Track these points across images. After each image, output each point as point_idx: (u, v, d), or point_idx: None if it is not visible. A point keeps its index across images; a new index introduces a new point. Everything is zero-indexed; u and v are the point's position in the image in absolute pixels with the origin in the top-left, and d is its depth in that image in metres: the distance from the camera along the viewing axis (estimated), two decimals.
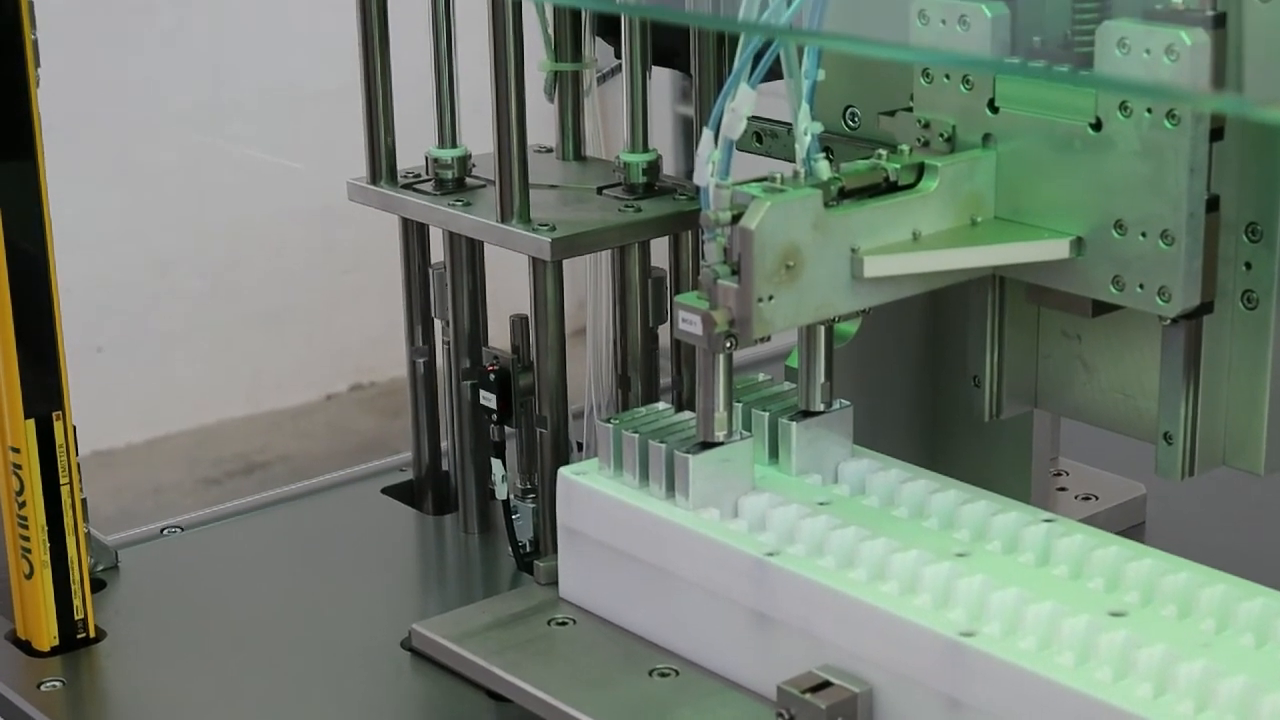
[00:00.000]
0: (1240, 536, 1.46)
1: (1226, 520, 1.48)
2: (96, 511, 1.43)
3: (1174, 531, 1.45)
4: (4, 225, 1.31)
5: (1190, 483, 1.23)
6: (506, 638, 1.25)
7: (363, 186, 1.49)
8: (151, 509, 3.50)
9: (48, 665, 1.35)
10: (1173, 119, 1.13)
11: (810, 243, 1.15)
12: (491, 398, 1.43)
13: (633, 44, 1.44)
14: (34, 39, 1.30)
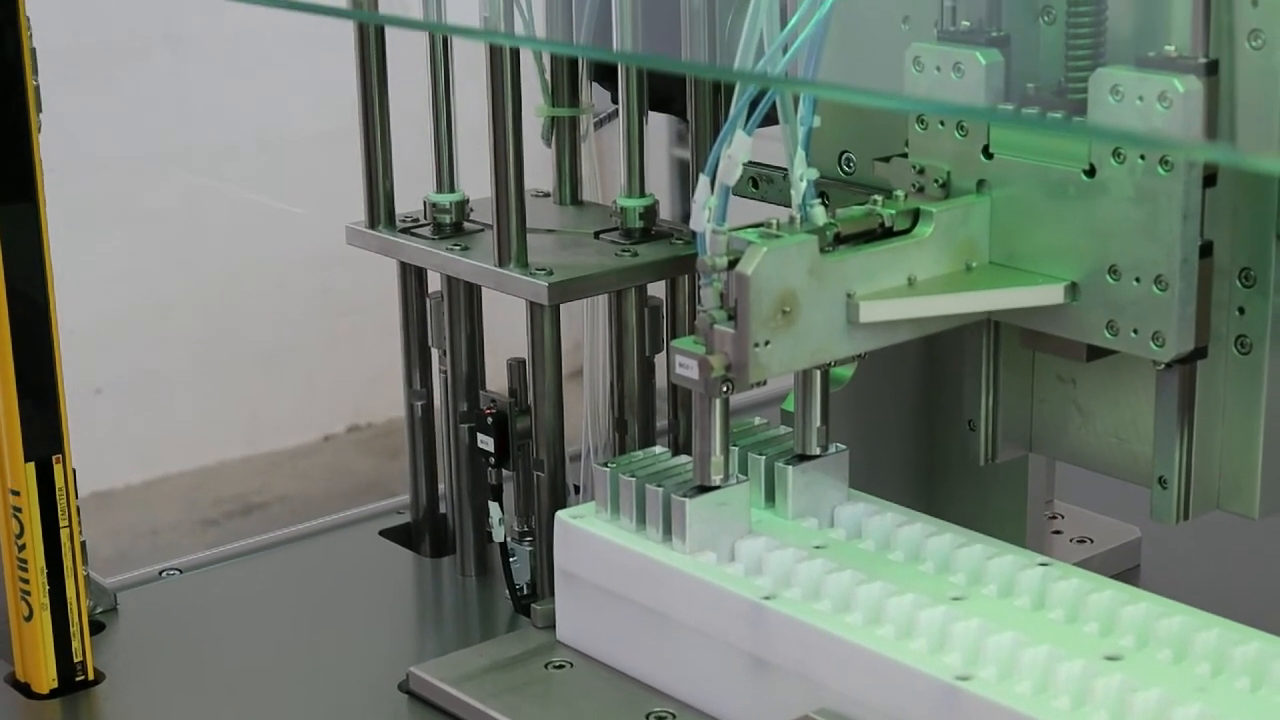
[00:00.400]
0: (1235, 580, 1.46)
1: (1221, 564, 1.48)
2: (95, 553, 1.43)
3: (1169, 575, 1.45)
4: (5, 268, 1.31)
5: (1185, 526, 1.23)
6: (504, 681, 1.25)
7: (361, 231, 1.49)
8: (150, 550, 3.50)
9: (47, 708, 1.35)
10: (1166, 165, 1.13)
11: (806, 288, 1.15)
12: (489, 441, 1.43)
13: (629, 89, 1.44)
14: (36, 85, 1.31)
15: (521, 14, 1.43)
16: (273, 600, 1.52)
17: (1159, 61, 1.12)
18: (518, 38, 1.43)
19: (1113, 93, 1.12)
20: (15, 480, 1.34)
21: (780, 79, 1.14)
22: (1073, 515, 1.55)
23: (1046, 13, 1.22)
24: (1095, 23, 1.20)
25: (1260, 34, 1.11)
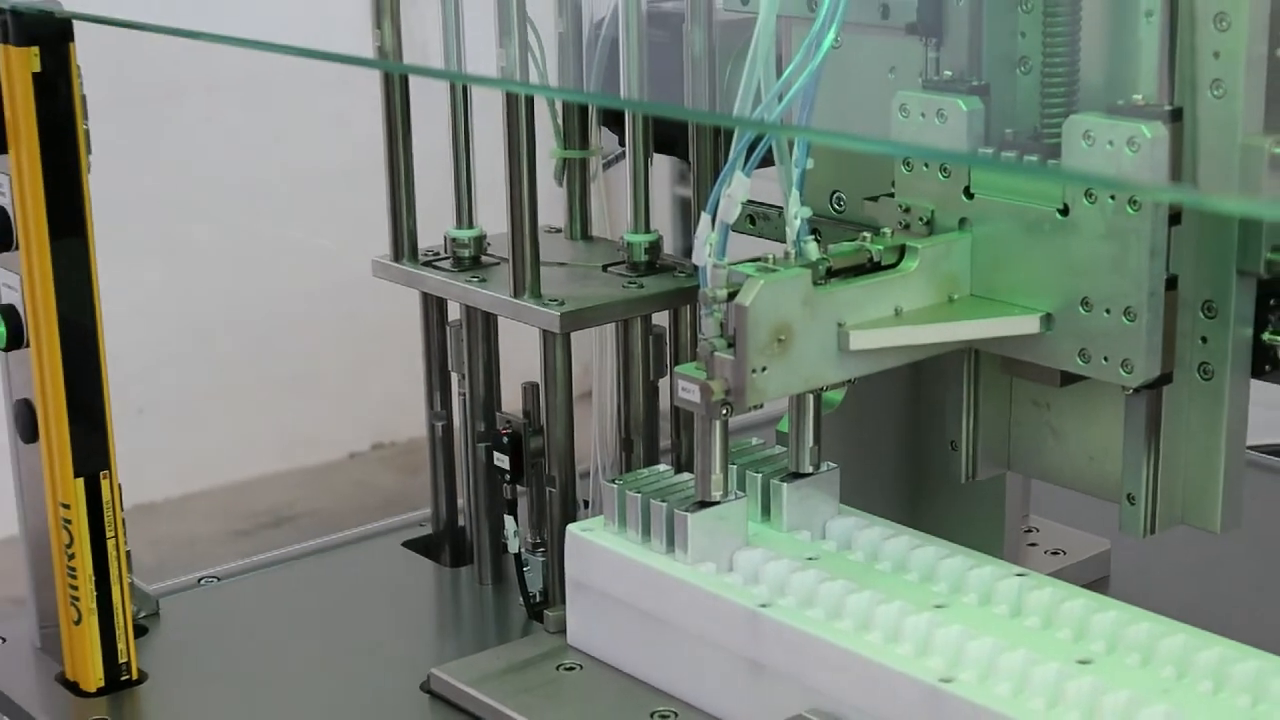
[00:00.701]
0: (1198, 590, 1.46)
1: (1185, 575, 1.48)
2: (137, 561, 1.43)
3: (1136, 585, 1.45)
4: (57, 298, 1.31)
5: (1152, 540, 1.24)
6: (518, 681, 1.25)
7: (387, 264, 1.50)
8: (188, 559, 3.50)
9: (94, 705, 1.35)
10: (1134, 205, 1.14)
11: (800, 318, 1.15)
12: (504, 459, 1.43)
13: (635, 134, 1.44)
14: (86, 129, 1.31)
15: (536, 64, 1.43)
16: (303, 606, 1.52)
17: (1128, 109, 1.12)
18: (532, 86, 1.43)
19: (1085, 138, 1.13)
20: (66, 495, 1.34)
21: (776, 125, 1.14)
22: (1047, 529, 1.55)
23: (1023, 63, 1.23)
24: (1068, 72, 1.20)
25: (1221, 83, 1.11)
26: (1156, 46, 1.12)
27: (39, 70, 1.28)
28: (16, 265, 1.33)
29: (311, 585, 1.56)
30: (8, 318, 1.34)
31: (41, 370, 1.33)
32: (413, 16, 1.45)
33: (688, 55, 1.37)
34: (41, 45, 1.28)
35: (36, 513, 1.39)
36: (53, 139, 1.30)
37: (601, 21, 1.48)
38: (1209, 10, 1.11)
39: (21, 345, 1.34)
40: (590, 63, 1.48)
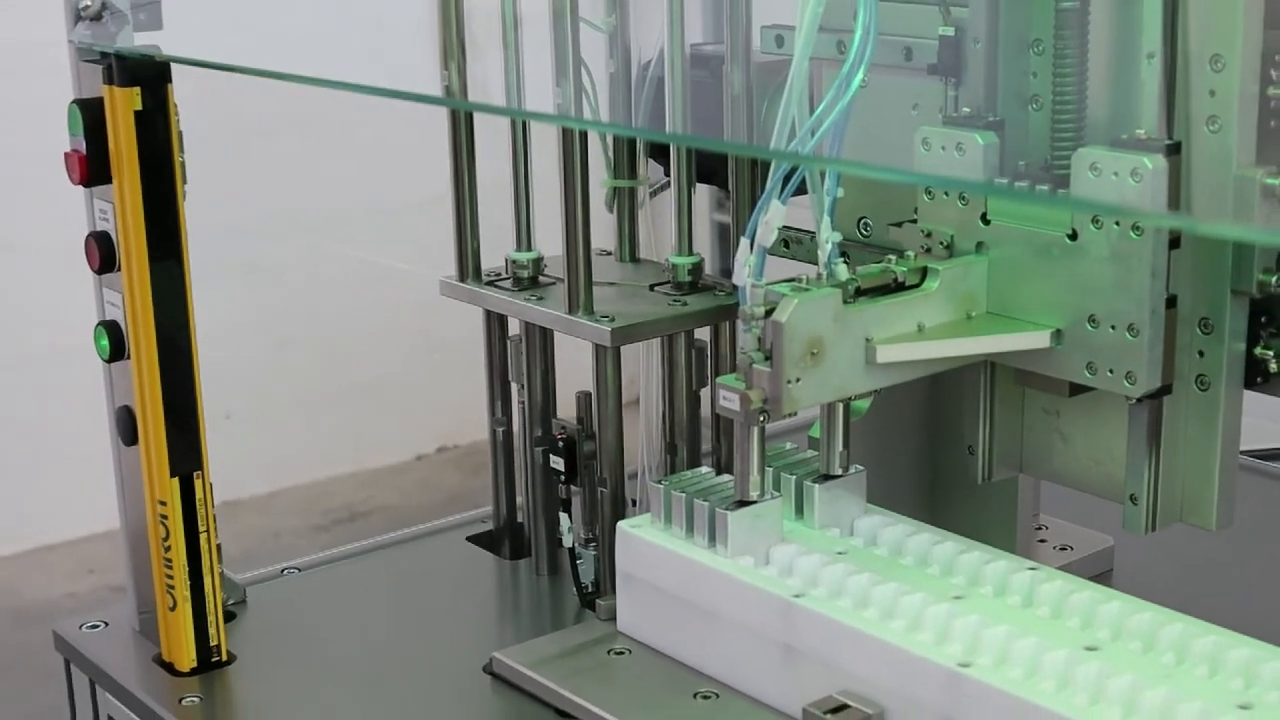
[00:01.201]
0: (1195, 583, 1.45)
1: (1183, 569, 1.47)
2: (224, 553, 1.43)
3: (1138, 578, 1.44)
4: (156, 315, 1.32)
5: (1152, 537, 1.23)
6: (573, 664, 1.25)
7: (453, 284, 1.50)
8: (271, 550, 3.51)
9: (187, 684, 1.36)
10: (1137, 230, 1.13)
11: (831, 334, 1.15)
12: (560, 461, 1.43)
13: (680, 165, 1.45)
14: (182, 161, 1.32)
15: (589, 101, 1.43)
16: (376, 594, 1.52)
17: (1131, 143, 1.12)
18: (586, 121, 1.44)
19: (1092, 169, 1.12)
20: (163, 493, 1.35)
21: (809, 157, 1.14)
22: (1056, 526, 1.54)
23: (1035, 101, 1.22)
24: (1076, 109, 1.20)
25: (1217, 120, 1.11)
26: (1157, 86, 1.12)
27: (140, 108, 1.29)
28: (119, 285, 1.34)
29: (384, 575, 1.57)
30: (111, 332, 1.35)
31: (141, 380, 1.34)
32: (476, 59, 1.45)
33: (727, 93, 1.37)
34: (143, 86, 1.29)
35: (136, 509, 1.40)
36: (152, 170, 1.30)
37: (649, 63, 1.48)
38: (1205, 53, 1.10)
39: (123, 357, 1.35)
40: (638, 100, 1.48)
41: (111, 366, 1.38)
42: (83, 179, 1.33)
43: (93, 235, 1.35)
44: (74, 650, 1.42)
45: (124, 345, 1.35)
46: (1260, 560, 1.54)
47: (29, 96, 2.94)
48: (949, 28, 1.25)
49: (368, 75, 1.26)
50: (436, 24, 1.43)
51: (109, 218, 1.33)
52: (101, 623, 1.45)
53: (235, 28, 1.43)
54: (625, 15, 1.47)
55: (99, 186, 1.33)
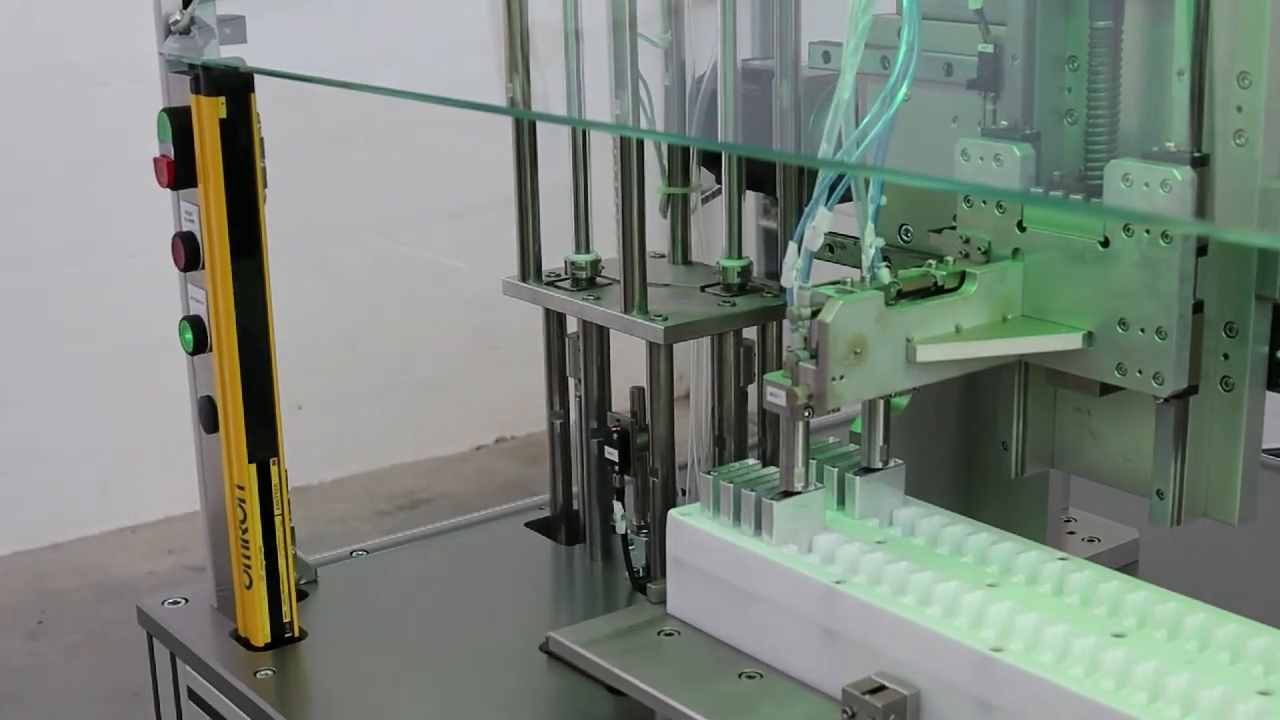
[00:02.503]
0: (1218, 574, 1.44)
1: (1207, 560, 1.47)
2: (297, 536, 1.44)
3: (1163, 569, 1.43)
4: (236, 311, 1.33)
5: (1178, 530, 1.23)
6: (624, 644, 1.25)
7: (515, 284, 1.51)
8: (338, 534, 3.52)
9: (262, 658, 1.37)
10: (1166, 238, 1.13)
11: (874, 334, 1.15)
12: (614, 453, 1.44)
13: (730, 173, 1.45)
14: (263, 166, 1.33)
15: (645, 112, 1.44)
16: (439, 576, 1.53)
17: (1161, 155, 1.11)
18: (642, 131, 1.44)
19: (1124, 180, 1.12)
20: (241, 478, 1.36)
21: (855, 165, 1.14)
22: (1085, 519, 1.54)
23: (1069, 115, 1.22)
24: (1109, 123, 1.20)
25: (1243, 133, 1.10)
26: (1186, 101, 1.11)
27: (224, 117, 1.30)
28: (202, 282, 1.35)
29: (446, 558, 1.57)
30: (194, 327, 1.36)
31: (222, 372, 1.35)
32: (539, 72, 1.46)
33: (776, 106, 1.37)
34: (227, 95, 1.30)
35: (215, 493, 1.41)
36: (235, 175, 1.31)
37: (702, 77, 1.48)
38: (1233, 70, 1.10)
39: (205, 350, 1.36)
40: (692, 111, 1.49)
41: (194, 359, 1.39)
42: (170, 182, 1.34)
43: (179, 235, 1.36)
44: (156, 625, 1.44)
45: (206, 339, 1.36)
46: (1279, 552, 1.53)
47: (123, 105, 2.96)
48: (988, 45, 1.25)
49: (437, 86, 1.26)
50: (502, 39, 1.43)
51: (194, 219, 1.34)
52: (182, 599, 1.47)
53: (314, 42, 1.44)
54: (680, 31, 1.47)
55: (185, 190, 1.35)
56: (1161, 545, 1.50)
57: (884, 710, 1.07)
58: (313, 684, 1.35)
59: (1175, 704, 0.98)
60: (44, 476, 3.63)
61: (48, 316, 3.57)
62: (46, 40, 3.36)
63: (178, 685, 1.43)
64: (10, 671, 3.09)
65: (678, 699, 1.16)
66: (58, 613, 3.32)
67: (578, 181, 1.48)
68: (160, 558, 3.61)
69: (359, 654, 1.38)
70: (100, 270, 3.56)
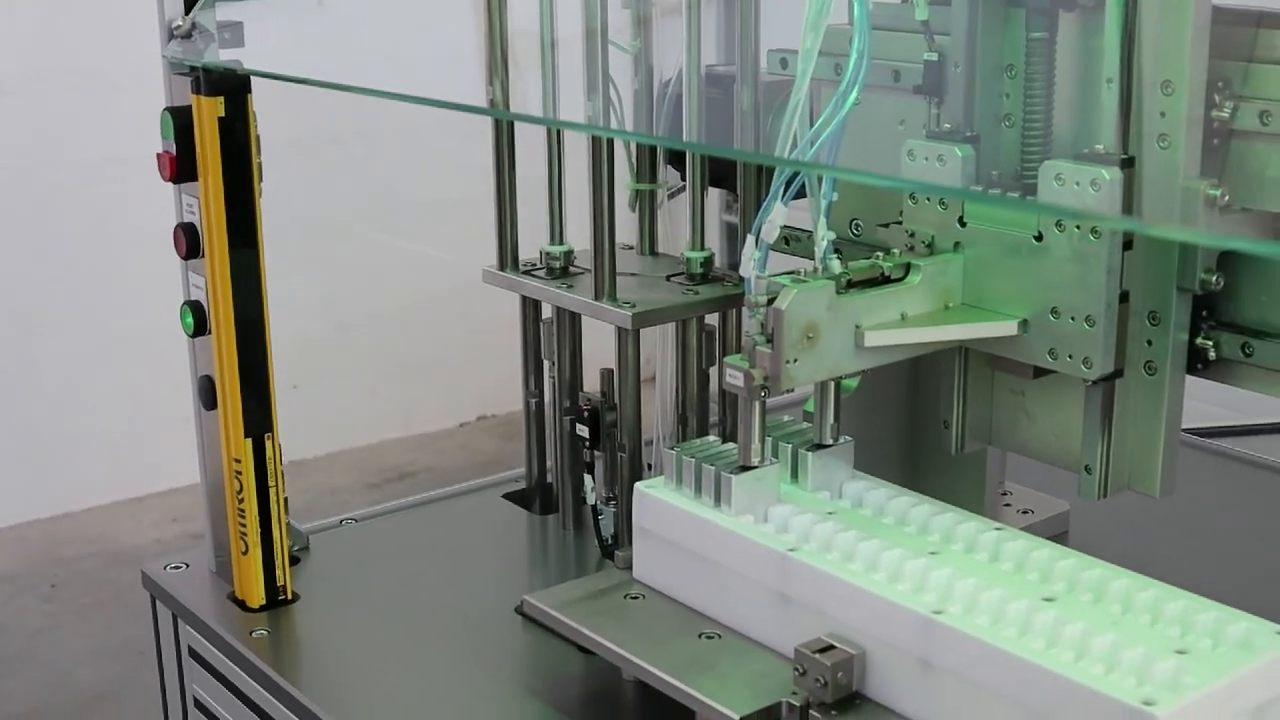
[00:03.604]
0: (1141, 543, 1.45)
1: (1130, 531, 1.47)
2: (290, 505, 1.44)
3: (1091, 538, 1.44)
4: (234, 296, 1.33)
5: (1104, 502, 1.23)
6: (594, 607, 1.25)
7: (494, 272, 1.50)
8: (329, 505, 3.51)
9: (257, 619, 1.36)
10: (1095, 234, 1.13)
11: (825, 320, 1.15)
12: (585, 429, 1.44)
13: (694, 171, 1.45)
14: (259, 162, 1.32)
15: (615, 113, 1.43)
16: (422, 543, 1.53)
17: (1091, 156, 1.12)
18: (612, 130, 1.44)
19: (1057, 179, 1.12)
20: (238, 452, 1.35)
21: (809, 164, 1.14)
22: (1019, 492, 1.54)
23: (1007, 119, 1.22)
24: (1044, 127, 1.20)
25: (1166, 137, 1.10)
26: (1115, 107, 1.11)
27: (223, 115, 1.29)
28: (202, 270, 1.34)
29: (429, 527, 1.57)
30: (195, 311, 1.36)
31: (220, 353, 1.34)
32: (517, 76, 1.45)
33: (738, 109, 1.37)
34: (225, 96, 1.30)
35: (214, 466, 1.40)
36: (233, 170, 1.31)
37: (669, 81, 1.48)
38: (1157, 79, 1.10)
39: (205, 333, 1.36)
40: (659, 114, 1.48)
41: (195, 341, 1.38)
42: (172, 176, 1.33)
43: (180, 226, 1.35)
44: (159, 588, 1.43)
45: (206, 322, 1.35)
46: (1197, 523, 1.54)
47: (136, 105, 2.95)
48: (933, 54, 1.25)
49: (423, 89, 1.26)
50: (483, 45, 1.43)
51: (195, 211, 1.34)
52: (183, 564, 1.46)
53: (307, 47, 1.43)
54: (649, 39, 1.47)
55: (186, 183, 1.34)
56: (1090, 516, 1.50)
57: (832, 668, 1.07)
58: (304, 643, 1.34)
59: (1100, 662, 0.98)
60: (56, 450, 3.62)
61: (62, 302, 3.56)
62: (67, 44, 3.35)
63: (179, 644, 1.42)
64: (26, 631, 3.08)
65: (643, 657, 1.16)
66: (70, 577, 3.31)
67: (552, 178, 1.48)
68: (165, 526, 3.60)
69: (347, 615, 1.37)
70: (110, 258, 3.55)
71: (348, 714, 1.21)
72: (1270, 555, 1.49)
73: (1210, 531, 1.53)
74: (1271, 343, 1.14)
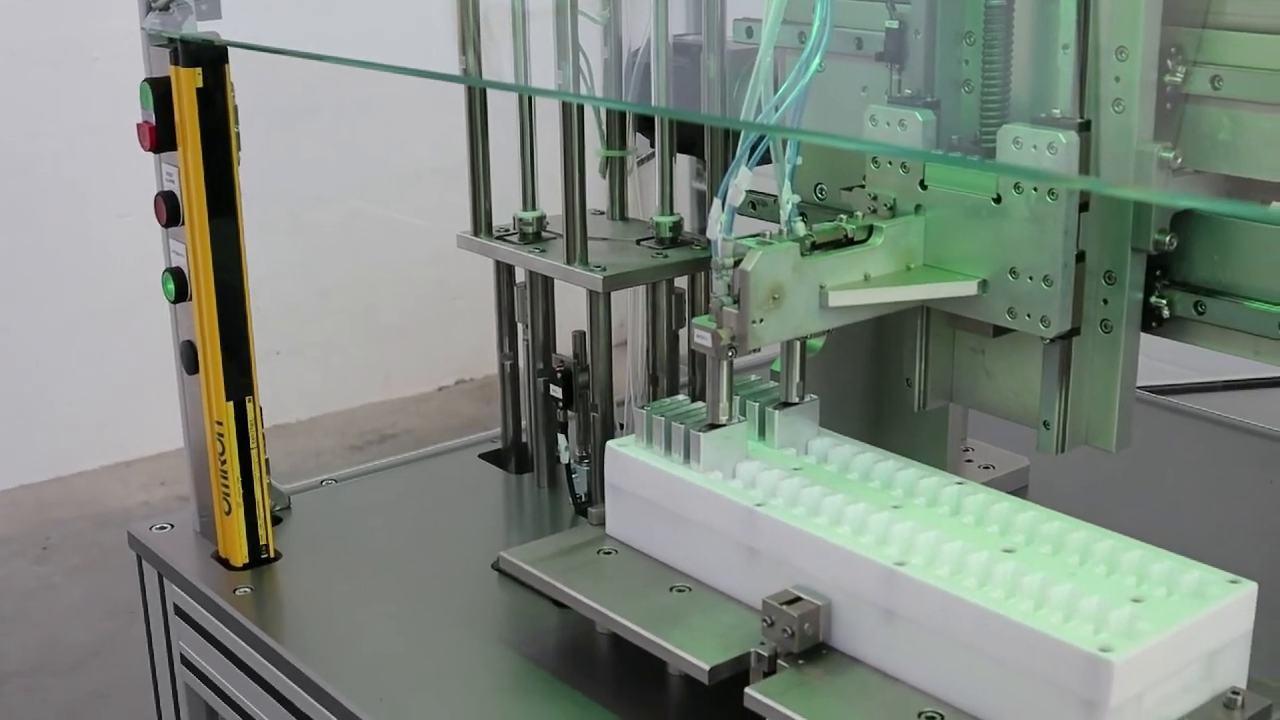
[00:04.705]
0: (1097, 496, 1.45)
1: (1087, 484, 1.48)
2: (274, 467, 1.43)
3: (1049, 492, 1.44)
4: (214, 263, 1.31)
5: (1062, 457, 1.23)
6: (568, 562, 1.25)
7: (468, 238, 1.49)
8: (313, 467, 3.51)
9: (240, 577, 1.36)
10: (1052, 195, 1.13)
11: (790, 281, 1.14)
12: (558, 390, 1.43)
13: (663, 137, 1.44)
14: (237, 131, 1.31)
15: (585, 82, 1.42)
16: (401, 502, 1.52)
17: (1048, 120, 1.11)
18: (583, 96, 1.43)
19: (1014, 142, 1.12)
20: (220, 414, 1.34)
21: (773, 128, 1.14)
22: (980, 448, 1.54)
23: (966, 84, 1.22)
24: (1002, 92, 1.19)
25: (1121, 102, 1.10)
26: (1071, 72, 1.11)
27: (201, 86, 1.28)
28: (183, 237, 1.33)
29: (408, 486, 1.57)
30: (176, 277, 1.35)
31: (201, 318, 1.33)
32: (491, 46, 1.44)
33: (704, 76, 1.36)
34: (204, 67, 1.28)
35: (197, 429, 1.39)
36: (211, 140, 1.29)
37: (637, 50, 1.47)
38: (1112, 45, 1.10)
39: (186, 299, 1.34)
40: (628, 82, 1.47)
41: (176, 307, 1.37)
42: (152, 146, 1.32)
43: (161, 194, 1.34)
44: (145, 548, 1.42)
45: (187, 289, 1.34)
46: (1151, 477, 1.54)
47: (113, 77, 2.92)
48: (894, 21, 1.24)
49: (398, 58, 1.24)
50: (456, 17, 1.41)
51: (174, 180, 1.32)
52: (168, 525, 1.45)
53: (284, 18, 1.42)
54: (618, 9, 1.46)
55: (166, 153, 1.33)
56: (1048, 471, 1.50)
57: (799, 619, 1.07)
58: (287, 600, 1.33)
59: (1058, 611, 0.98)
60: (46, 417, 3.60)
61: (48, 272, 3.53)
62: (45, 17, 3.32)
63: (165, 602, 1.42)
64: (19, 592, 3.07)
65: (615, 610, 1.16)
66: (60, 540, 3.30)
67: (525, 145, 1.47)
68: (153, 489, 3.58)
69: (329, 572, 1.37)
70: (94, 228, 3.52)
71: (330, 668, 1.21)
72: (1221, 507, 1.50)
73: (1164, 484, 1.54)
74: (1222, 301, 1.14)
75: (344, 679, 1.19)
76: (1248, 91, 1.08)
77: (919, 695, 1.03)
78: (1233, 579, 1.02)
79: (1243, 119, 1.09)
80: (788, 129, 1.13)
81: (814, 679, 1.06)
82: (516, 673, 1.21)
